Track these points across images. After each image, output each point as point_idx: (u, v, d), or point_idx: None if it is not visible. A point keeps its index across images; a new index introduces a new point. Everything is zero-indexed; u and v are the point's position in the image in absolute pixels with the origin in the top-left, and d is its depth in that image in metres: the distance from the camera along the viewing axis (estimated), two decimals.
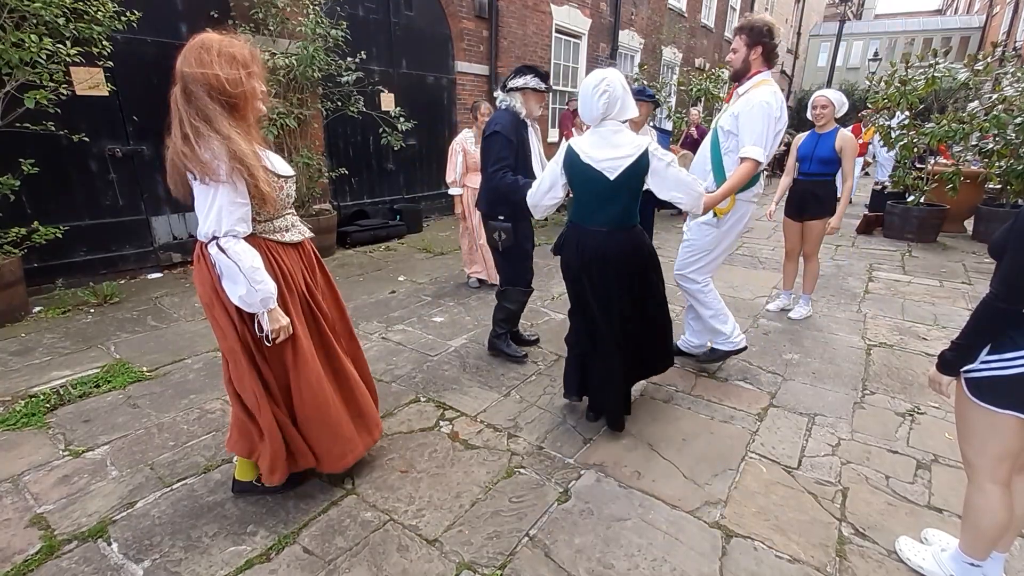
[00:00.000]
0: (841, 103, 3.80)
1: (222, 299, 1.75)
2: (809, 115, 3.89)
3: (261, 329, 1.76)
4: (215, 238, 1.63)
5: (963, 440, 1.63)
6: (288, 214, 1.89)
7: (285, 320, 1.78)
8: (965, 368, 1.52)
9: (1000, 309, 1.39)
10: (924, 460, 2.43)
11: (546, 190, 2.46)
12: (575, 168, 2.31)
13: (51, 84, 3.62)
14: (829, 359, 3.45)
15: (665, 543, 1.92)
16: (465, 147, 4.44)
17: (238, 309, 1.75)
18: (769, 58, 2.73)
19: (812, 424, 2.70)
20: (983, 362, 1.47)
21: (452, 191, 4.56)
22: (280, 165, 1.83)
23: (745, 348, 3.13)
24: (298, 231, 1.91)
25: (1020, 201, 6.87)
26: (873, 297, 4.72)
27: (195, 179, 1.60)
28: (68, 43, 3.60)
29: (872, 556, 1.89)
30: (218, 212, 1.60)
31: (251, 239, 1.72)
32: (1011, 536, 1.69)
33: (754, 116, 2.60)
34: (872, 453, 2.48)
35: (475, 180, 4.51)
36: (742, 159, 2.65)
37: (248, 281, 1.64)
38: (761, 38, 2.68)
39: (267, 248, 1.78)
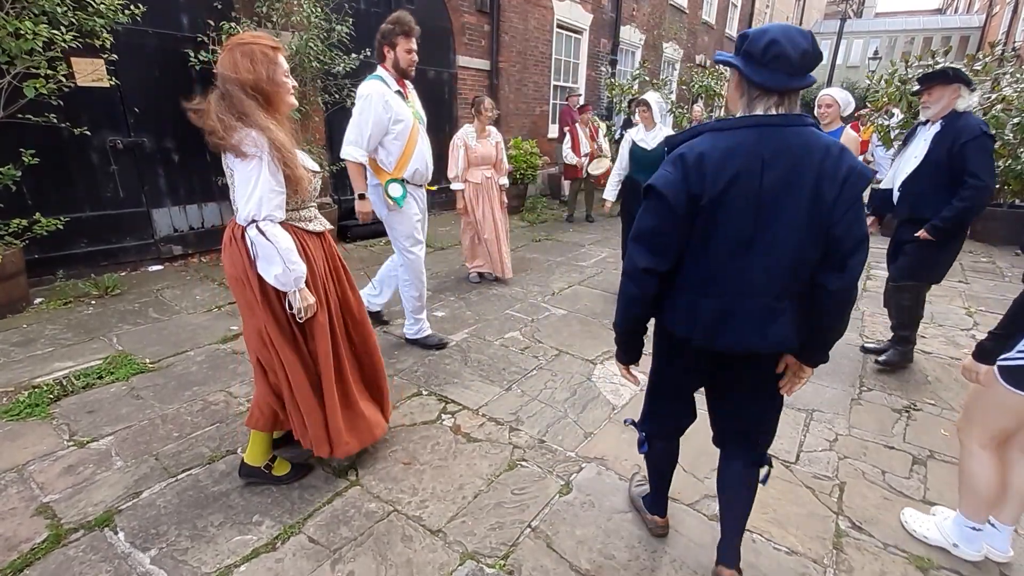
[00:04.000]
0: (847, 102, 3.80)
1: (251, 280, 1.85)
2: (815, 113, 3.90)
3: (291, 306, 1.89)
4: (254, 221, 1.73)
5: (973, 413, 1.78)
6: (312, 206, 2.01)
7: (312, 299, 1.91)
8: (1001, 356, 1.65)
9: None
10: (920, 456, 2.46)
11: None
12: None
13: (50, 73, 3.61)
14: None
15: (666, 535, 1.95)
16: (467, 142, 4.42)
17: (264, 290, 1.87)
18: (378, 55, 3.03)
19: (810, 420, 2.74)
20: (1020, 351, 1.60)
21: (454, 186, 4.53)
22: (308, 161, 1.95)
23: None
24: (320, 222, 2.04)
25: (1018, 201, 6.91)
26: (870, 295, 4.76)
27: (236, 161, 1.71)
28: (63, 29, 3.58)
29: (868, 549, 1.92)
30: (260, 197, 1.71)
31: (282, 224, 1.81)
32: (1017, 506, 1.81)
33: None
34: (869, 448, 2.51)
35: (477, 175, 4.50)
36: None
37: (284, 261, 1.76)
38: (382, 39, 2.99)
39: (294, 234, 1.89)
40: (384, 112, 2.93)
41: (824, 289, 1.35)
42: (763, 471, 1.69)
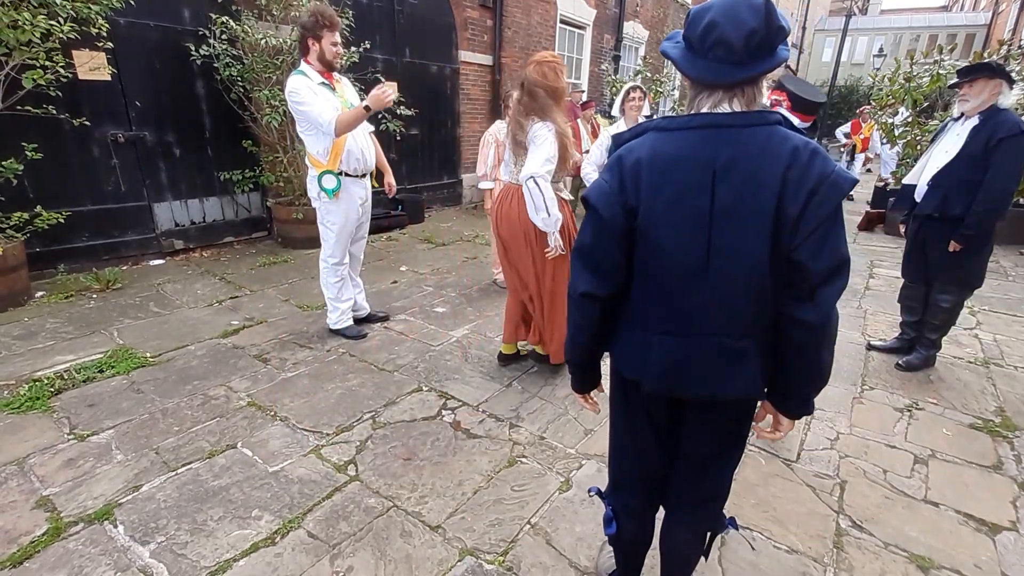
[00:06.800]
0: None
1: (526, 225, 2.64)
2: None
3: (547, 245, 2.62)
4: (533, 176, 2.43)
5: None
6: (564, 180, 2.78)
7: (562, 243, 2.63)
8: None
9: None
10: (921, 455, 2.45)
11: None
12: None
13: (48, 64, 3.60)
14: None
15: None
16: (497, 139, 4.23)
17: (527, 234, 2.68)
18: (302, 48, 3.06)
19: (811, 418, 2.73)
20: None
21: (483, 185, 4.34)
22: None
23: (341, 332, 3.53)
24: (566, 193, 2.76)
25: (1022, 200, 6.86)
26: (874, 293, 4.74)
27: (532, 140, 2.53)
28: (61, 20, 3.56)
29: (869, 548, 1.92)
30: (540, 163, 2.46)
31: None
32: None
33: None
34: (870, 447, 2.50)
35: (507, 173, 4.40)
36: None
37: (547, 207, 2.46)
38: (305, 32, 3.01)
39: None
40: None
41: (793, 320, 1.10)
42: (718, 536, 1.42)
